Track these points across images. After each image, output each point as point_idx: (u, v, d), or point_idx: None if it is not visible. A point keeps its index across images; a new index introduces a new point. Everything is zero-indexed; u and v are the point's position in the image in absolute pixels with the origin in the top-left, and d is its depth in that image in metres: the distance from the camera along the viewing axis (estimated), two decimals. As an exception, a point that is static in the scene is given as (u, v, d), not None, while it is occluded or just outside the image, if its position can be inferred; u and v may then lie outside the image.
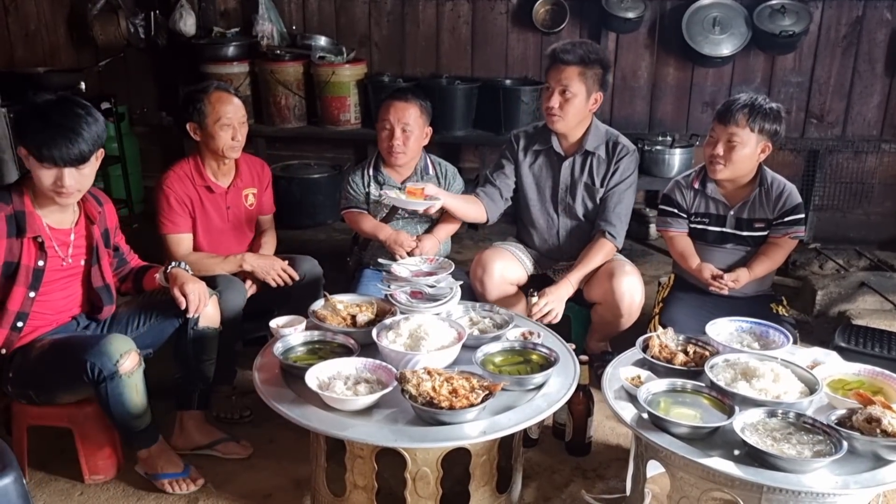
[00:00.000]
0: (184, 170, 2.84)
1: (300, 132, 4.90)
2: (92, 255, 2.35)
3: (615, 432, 2.68)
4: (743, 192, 2.79)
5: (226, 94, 2.79)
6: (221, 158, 2.83)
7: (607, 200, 2.93)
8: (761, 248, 2.81)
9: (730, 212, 2.80)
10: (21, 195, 2.18)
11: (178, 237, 2.82)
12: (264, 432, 2.67)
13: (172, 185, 2.80)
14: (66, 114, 2.09)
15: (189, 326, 2.43)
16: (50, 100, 2.13)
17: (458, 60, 4.93)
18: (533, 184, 2.98)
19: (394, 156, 2.96)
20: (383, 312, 2.46)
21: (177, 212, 2.80)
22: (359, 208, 3.03)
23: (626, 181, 2.93)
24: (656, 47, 4.69)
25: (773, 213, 2.77)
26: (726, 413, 1.93)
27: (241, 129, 2.80)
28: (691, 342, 2.31)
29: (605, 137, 2.92)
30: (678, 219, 2.88)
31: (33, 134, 2.07)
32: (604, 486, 2.40)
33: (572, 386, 2.16)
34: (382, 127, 2.95)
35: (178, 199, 2.80)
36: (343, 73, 4.67)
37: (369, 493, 2.08)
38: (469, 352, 2.23)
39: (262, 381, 2.16)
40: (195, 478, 2.39)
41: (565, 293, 2.82)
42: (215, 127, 2.75)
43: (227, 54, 4.79)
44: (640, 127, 4.79)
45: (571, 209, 2.97)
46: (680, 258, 2.87)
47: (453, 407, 1.92)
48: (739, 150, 2.65)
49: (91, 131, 2.11)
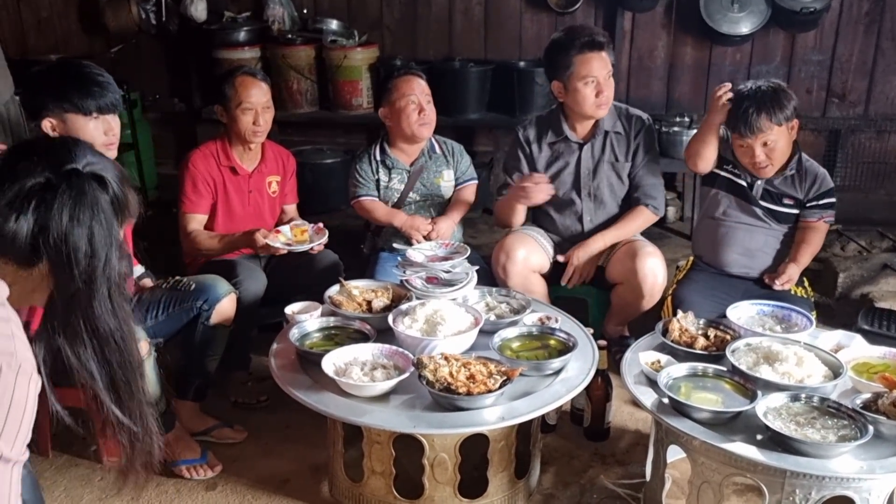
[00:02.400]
0: (210, 149, 2.85)
1: (312, 117, 4.87)
2: None
3: (634, 417, 2.65)
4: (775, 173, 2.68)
5: (250, 79, 2.78)
6: (246, 143, 2.83)
7: (637, 176, 2.90)
8: (798, 237, 2.72)
9: (757, 181, 2.69)
10: None
11: (192, 216, 2.83)
12: (281, 418, 2.67)
13: (197, 163, 2.81)
14: (86, 66, 2.19)
15: (200, 321, 2.43)
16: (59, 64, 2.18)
17: (471, 42, 4.87)
18: (553, 174, 2.92)
19: (425, 128, 2.94)
20: (399, 298, 2.45)
21: (199, 191, 2.81)
22: (369, 196, 3.01)
23: (651, 152, 2.90)
24: (673, 26, 4.61)
25: (806, 195, 2.68)
26: (748, 398, 1.91)
27: (264, 115, 2.79)
28: (712, 326, 2.27)
29: (616, 112, 2.89)
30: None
31: (69, 91, 2.12)
32: (623, 472, 2.37)
33: (591, 371, 2.14)
34: (407, 103, 2.88)
35: (202, 179, 2.80)
36: (355, 56, 4.63)
37: (387, 479, 2.07)
38: (486, 337, 2.21)
39: (278, 368, 2.15)
40: (213, 464, 2.40)
41: (595, 248, 2.84)
42: (237, 111, 2.75)
43: (239, 39, 4.76)
44: (656, 108, 4.71)
45: (596, 191, 2.92)
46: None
47: (471, 392, 1.90)
48: (778, 146, 2.57)
49: (112, 80, 2.21)
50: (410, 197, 3.00)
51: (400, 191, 3.00)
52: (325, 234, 2.76)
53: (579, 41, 2.73)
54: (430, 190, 3.03)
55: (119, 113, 2.26)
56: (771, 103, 2.52)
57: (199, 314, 2.42)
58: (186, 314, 2.42)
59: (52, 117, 2.15)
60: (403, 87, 2.91)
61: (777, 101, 2.53)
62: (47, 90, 2.15)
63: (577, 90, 2.75)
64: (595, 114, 2.80)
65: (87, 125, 2.16)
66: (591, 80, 2.73)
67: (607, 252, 2.90)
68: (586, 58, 2.72)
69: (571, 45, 2.74)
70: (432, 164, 3.03)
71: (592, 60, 2.73)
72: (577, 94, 2.76)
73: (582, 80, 2.73)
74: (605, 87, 2.75)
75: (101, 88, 2.16)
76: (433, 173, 3.03)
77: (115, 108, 2.22)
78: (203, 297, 2.41)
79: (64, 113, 2.14)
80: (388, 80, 2.99)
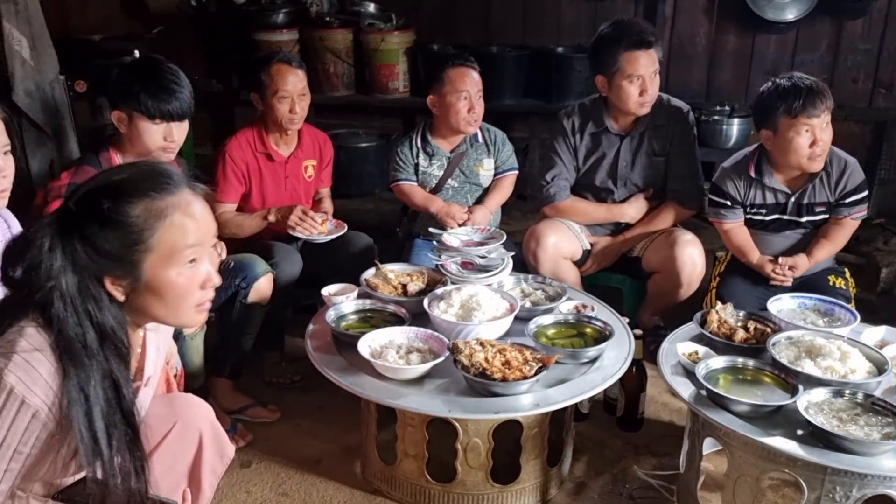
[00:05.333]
0: (246, 136, 2.85)
1: (348, 100, 4.87)
2: None
3: (667, 408, 2.63)
4: (804, 176, 2.60)
5: (286, 67, 2.77)
6: (283, 130, 2.83)
7: (674, 168, 2.86)
8: (821, 230, 2.65)
9: (790, 199, 2.62)
10: (109, 158, 2.26)
11: (220, 205, 2.84)
12: (314, 398, 2.69)
13: (232, 152, 2.81)
14: (164, 71, 2.22)
15: (238, 299, 2.45)
16: (142, 61, 2.20)
17: (508, 27, 4.82)
18: (591, 163, 2.89)
19: (473, 125, 2.90)
20: (434, 282, 2.44)
21: (230, 182, 2.82)
22: (409, 180, 3.00)
23: (688, 141, 2.86)
24: (716, 12, 4.51)
25: (835, 196, 2.60)
26: (789, 392, 1.87)
27: (301, 102, 2.78)
28: (752, 318, 2.23)
29: (657, 103, 2.83)
30: (732, 210, 2.67)
31: (139, 93, 2.16)
32: (656, 463, 2.36)
33: (627, 360, 2.12)
34: (458, 98, 2.83)
35: (235, 170, 2.81)
36: (392, 40, 4.61)
37: (420, 463, 2.08)
38: (521, 324, 2.20)
39: (314, 349, 2.17)
40: (243, 434, 2.44)
41: (617, 242, 2.85)
42: (274, 99, 2.74)
43: (277, 21, 4.77)
44: (696, 95, 4.63)
45: (632, 182, 2.89)
46: (738, 252, 2.71)
47: (506, 379, 1.90)
48: (829, 132, 2.48)
49: (188, 86, 2.25)
50: (448, 183, 2.99)
51: (438, 176, 2.98)
52: (344, 228, 2.78)
53: (628, 38, 2.68)
54: (469, 177, 3.01)
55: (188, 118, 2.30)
56: (823, 91, 2.45)
57: (236, 292, 2.44)
58: (225, 292, 2.44)
59: (122, 111, 2.21)
60: (457, 81, 2.84)
61: (826, 91, 2.46)
62: (123, 85, 2.19)
63: (621, 87, 2.71)
64: (637, 111, 2.76)
65: (150, 128, 2.22)
66: (637, 78, 2.68)
67: (643, 241, 2.87)
68: (634, 56, 2.67)
69: (619, 42, 2.69)
70: (473, 151, 3.00)
71: (640, 59, 2.67)
72: (621, 91, 2.71)
73: (627, 78, 2.69)
74: (649, 86, 2.69)
75: (171, 96, 2.19)
76: (473, 161, 3.00)
77: (182, 117, 2.25)
78: (241, 276, 2.43)
79: (132, 111, 2.20)
80: (441, 69, 2.88)
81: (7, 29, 3.10)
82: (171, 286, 1.24)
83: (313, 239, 2.72)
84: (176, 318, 1.28)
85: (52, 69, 3.34)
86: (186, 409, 1.58)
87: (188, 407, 1.59)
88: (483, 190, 3.05)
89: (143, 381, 1.42)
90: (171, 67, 2.25)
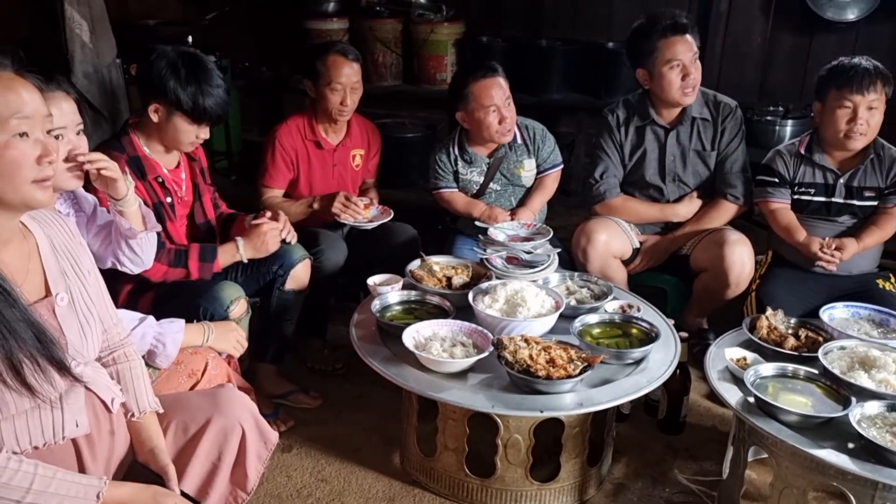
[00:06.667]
0: (297, 123, 2.88)
1: (395, 90, 4.87)
2: (194, 192, 2.43)
3: (710, 413, 2.59)
4: (855, 159, 2.60)
5: (341, 58, 2.78)
6: (332, 120, 2.85)
7: (723, 164, 2.82)
8: (870, 218, 2.62)
9: (839, 180, 2.61)
10: (131, 142, 2.27)
11: (268, 189, 2.89)
12: (356, 387, 2.72)
13: (282, 139, 2.84)
14: (207, 73, 2.21)
15: (276, 286, 2.47)
16: (184, 55, 2.21)
17: (559, 21, 4.77)
18: (638, 159, 2.85)
19: (507, 135, 2.82)
20: (478, 276, 2.44)
21: (278, 166, 2.86)
22: (449, 188, 2.96)
23: (737, 139, 2.82)
24: (773, 10, 4.40)
25: (886, 181, 2.58)
26: (841, 403, 1.83)
27: (352, 95, 2.80)
28: (804, 326, 2.19)
29: (703, 98, 2.82)
30: (780, 188, 2.68)
31: (185, 95, 2.17)
32: (696, 468, 2.32)
33: (673, 363, 2.10)
34: (486, 113, 2.74)
35: (283, 156, 2.84)
36: (441, 31, 4.60)
37: (459, 456, 2.09)
38: (565, 321, 2.19)
39: (358, 338, 2.19)
40: (285, 419, 2.48)
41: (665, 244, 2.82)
42: (326, 88, 2.76)
43: (328, 10, 4.79)
44: (748, 95, 4.51)
45: (681, 178, 2.85)
46: (784, 232, 2.67)
47: (550, 377, 1.89)
48: (877, 116, 2.50)
49: (225, 90, 2.26)
50: (490, 187, 2.93)
51: (479, 182, 2.92)
52: (390, 215, 2.80)
53: (662, 24, 2.67)
54: (511, 180, 2.94)
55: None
56: (882, 72, 2.50)
57: (274, 279, 2.47)
58: (263, 277, 2.48)
59: (161, 105, 2.21)
60: (482, 97, 2.73)
61: (886, 73, 2.52)
62: (172, 82, 2.18)
63: (662, 75, 2.68)
64: (682, 100, 2.72)
65: (186, 127, 2.23)
66: (677, 63, 2.66)
67: (691, 240, 2.83)
68: (670, 41, 2.65)
69: (654, 30, 2.68)
70: (512, 154, 2.90)
71: (677, 44, 2.65)
72: (663, 80, 2.68)
73: (667, 65, 2.66)
74: (691, 70, 2.67)
75: (213, 100, 2.21)
76: (514, 163, 2.92)
77: (221, 120, 2.28)
78: (278, 263, 2.45)
79: (173, 109, 2.19)
80: (464, 85, 2.78)
81: (69, 12, 3.18)
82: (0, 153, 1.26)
83: (360, 225, 2.74)
84: (17, 192, 1.28)
85: (110, 52, 3.42)
86: (227, 405, 1.61)
87: (229, 403, 1.62)
88: (527, 190, 2.99)
89: (53, 296, 1.40)
90: (212, 68, 2.25)
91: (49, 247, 1.43)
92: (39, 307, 1.37)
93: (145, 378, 1.61)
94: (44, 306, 1.38)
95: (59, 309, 1.41)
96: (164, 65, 2.19)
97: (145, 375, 1.62)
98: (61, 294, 1.42)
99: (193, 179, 2.44)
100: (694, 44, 2.69)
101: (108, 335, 1.57)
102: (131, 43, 3.83)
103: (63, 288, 1.43)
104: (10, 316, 1.24)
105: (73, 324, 1.43)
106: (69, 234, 1.50)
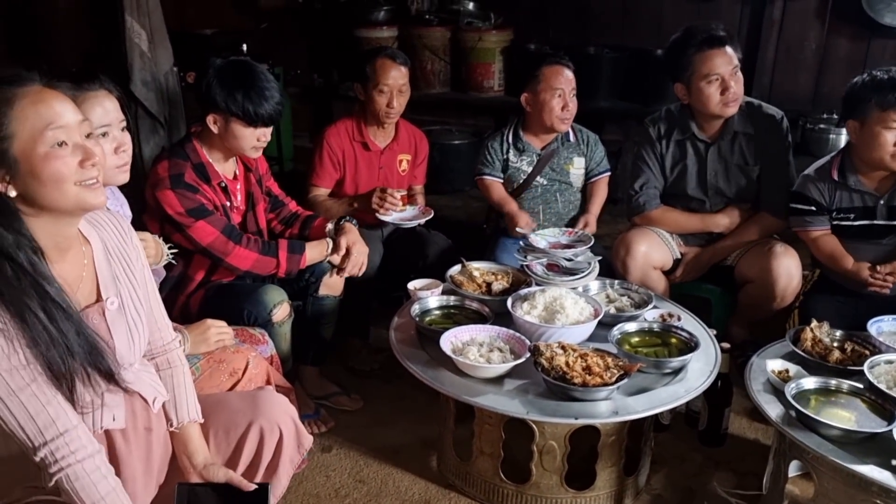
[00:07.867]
0: (346, 125, 2.97)
1: (443, 97, 4.93)
2: (249, 201, 2.49)
3: (752, 426, 2.55)
4: (892, 177, 2.45)
5: (389, 62, 2.84)
6: (380, 122, 2.92)
7: (767, 176, 2.75)
8: None
9: (879, 202, 2.47)
10: (195, 149, 2.34)
11: (315, 187, 2.97)
12: (395, 389, 2.75)
13: (331, 139, 2.93)
14: (255, 76, 2.27)
15: (309, 293, 2.52)
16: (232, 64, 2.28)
17: (607, 28, 4.76)
18: (679, 173, 2.82)
19: (566, 123, 2.92)
20: (518, 282, 2.46)
21: (325, 166, 2.94)
22: (493, 176, 3.01)
23: (782, 150, 2.74)
24: (829, 15, 4.31)
25: None
26: (886, 419, 1.79)
27: (399, 98, 2.86)
28: (850, 339, 2.14)
29: (747, 110, 2.73)
30: (818, 216, 2.55)
31: (241, 101, 2.22)
32: (737, 481, 2.29)
33: (712, 374, 2.07)
34: (552, 95, 2.85)
35: (331, 155, 2.93)
36: (489, 39, 4.63)
37: (495, 461, 2.10)
38: (604, 329, 2.18)
39: (398, 341, 2.22)
40: (326, 420, 2.53)
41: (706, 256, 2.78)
42: (374, 91, 2.84)
43: (378, 18, 4.89)
44: (802, 103, 4.43)
45: (723, 192, 2.80)
46: (829, 260, 2.55)
47: (586, 384, 1.89)
48: None
49: (276, 89, 2.30)
50: (537, 181, 2.98)
51: (527, 172, 2.99)
52: (430, 214, 2.87)
53: (697, 39, 2.61)
54: (559, 175, 3.00)
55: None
56: None
57: (307, 286, 2.52)
58: (297, 283, 2.51)
59: (218, 115, 2.27)
60: (552, 79, 2.85)
61: None
62: (221, 91, 2.24)
63: (700, 90, 2.62)
64: (723, 112, 2.66)
65: (246, 132, 2.28)
66: (715, 77, 2.59)
67: (738, 250, 2.79)
68: (706, 55, 2.59)
69: (689, 44, 2.62)
70: (564, 150, 3.00)
71: (714, 57, 2.58)
72: (701, 95, 2.62)
73: (704, 80, 2.60)
74: (730, 83, 2.59)
75: (268, 102, 2.26)
76: (563, 159, 2.99)
77: (277, 121, 2.33)
78: (309, 270, 2.48)
79: (230, 116, 2.25)
80: (537, 67, 2.89)
81: (129, 22, 3.32)
82: (42, 165, 1.28)
83: (400, 223, 2.79)
84: (67, 198, 1.31)
85: (167, 61, 3.55)
86: (268, 408, 1.64)
87: (270, 406, 1.65)
88: (573, 189, 3.02)
89: (104, 301, 1.44)
90: (260, 70, 2.30)
91: (103, 251, 1.48)
92: (90, 312, 1.42)
93: (188, 386, 1.63)
94: (95, 311, 1.43)
95: (108, 313, 1.45)
96: (212, 76, 2.25)
97: (188, 384, 1.64)
98: (111, 298, 1.46)
99: (248, 189, 2.49)
100: (734, 56, 2.61)
101: (152, 338, 1.60)
102: (188, 52, 3.96)
103: (113, 292, 1.47)
104: (64, 328, 1.30)
105: (121, 328, 1.47)
106: (122, 236, 1.54)
